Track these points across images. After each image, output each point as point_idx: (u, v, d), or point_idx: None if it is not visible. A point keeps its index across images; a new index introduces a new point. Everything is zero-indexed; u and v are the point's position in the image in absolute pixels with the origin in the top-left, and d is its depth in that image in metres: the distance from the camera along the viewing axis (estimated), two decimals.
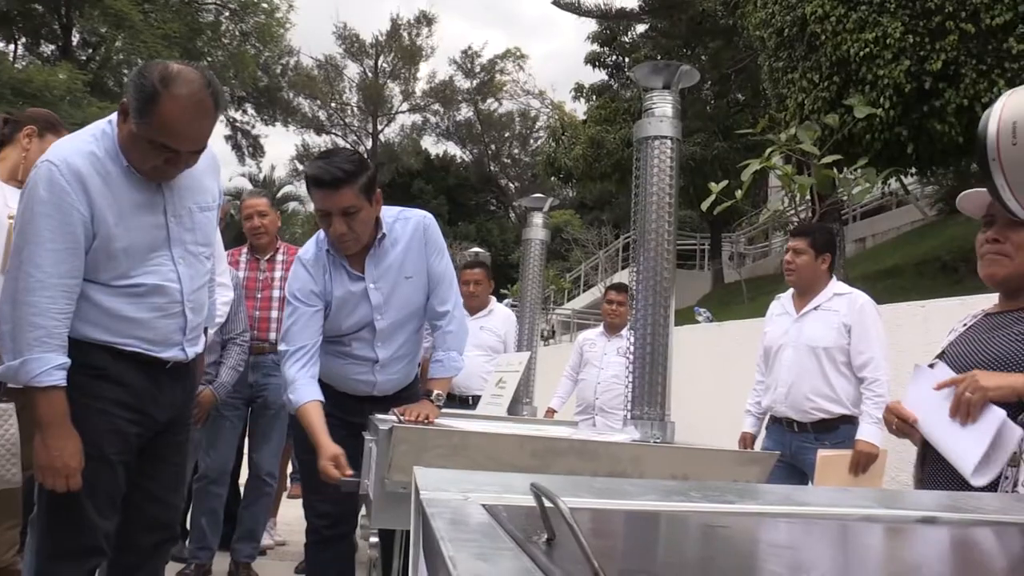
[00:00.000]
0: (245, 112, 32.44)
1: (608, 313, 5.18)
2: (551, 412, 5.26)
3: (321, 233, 2.55)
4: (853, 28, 8.48)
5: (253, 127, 33.21)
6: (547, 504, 0.58)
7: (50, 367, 1.82)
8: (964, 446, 1.55)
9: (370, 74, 37.75)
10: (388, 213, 2.56)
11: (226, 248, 3.58)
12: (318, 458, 2.27)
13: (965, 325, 1.91)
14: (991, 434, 1.51)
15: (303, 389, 2.41)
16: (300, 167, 38.31)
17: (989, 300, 3.86)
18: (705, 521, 0.75)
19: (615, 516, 0.73)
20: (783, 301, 3.69)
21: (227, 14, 26.06)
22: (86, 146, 1.92)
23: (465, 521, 0.65)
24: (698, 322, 8.03)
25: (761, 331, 3.84)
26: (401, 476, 1.79)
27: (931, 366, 1.75)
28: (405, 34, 37.38)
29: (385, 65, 37.88)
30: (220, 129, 32.74)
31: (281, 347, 2.53)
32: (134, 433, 1.98)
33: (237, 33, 26.51)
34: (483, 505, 0.75)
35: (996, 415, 1.55)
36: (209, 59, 25.51)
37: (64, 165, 1.86)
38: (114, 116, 1.99)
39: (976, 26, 7.75)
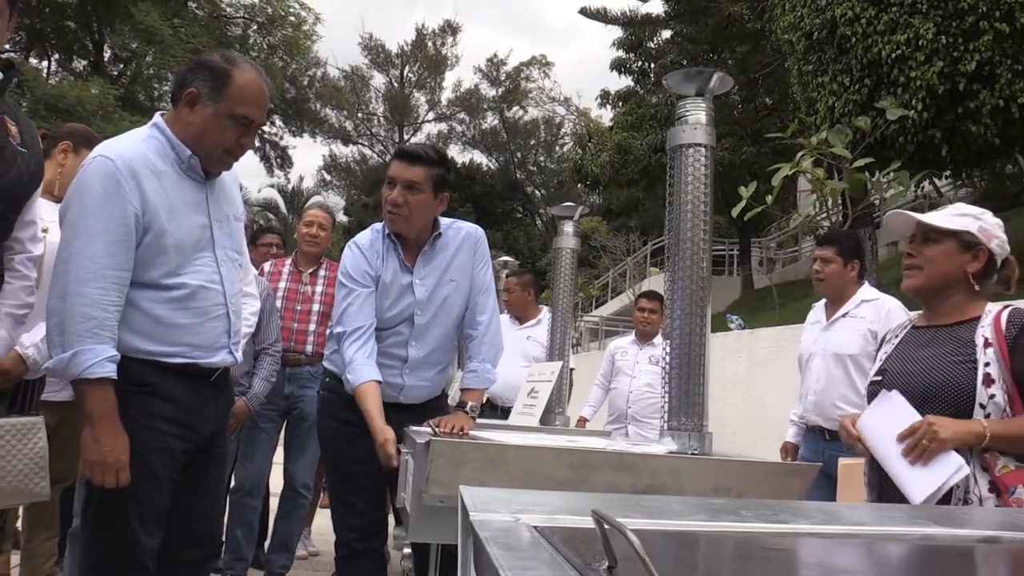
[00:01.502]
0: (273, 124, 32.79)
1: (640, 321, 5.14)
2: (583, 421, 5.24)
3: (378, 224, 2.64)
4: (884, 30, 8.38)
5: (281, 139, 33.56)
6: (608, 528, 0.57)
7: (102, 358, 1.80)
8: (916, 481, 1.72)
9: (396, 84, 38.06)
10: (443, 220, 2.66)
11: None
12: (375, 441, 2.28)
13: (897, 336, 2.10)
14: (945, 478, 1.68)
15: (361, 369, 2.43)
16: (328, 178, 38.68)
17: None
18: (762, 543, 0.74)
19: (672, 538, 0.72)
20: (817, 310, 3.68)
21: (255, 27, 26.37)
22: (136, 144, 1.97)
23: (520, 547, 0.64)
24: (730, 329, 7.96)
25: (797, 339, 3.81)
26: (438, 489, 1.79)
27: (889, 390, 1.91)
28: (430, 43, 37.65)
29: (411, 75, 38.15)
30: None
31: (337, 329, 2.55)
32: (180, 449, 1.98)
33: (265, 46, 26.80)
34: (535, 527, 0.74)
35: (954, 462, 1.71)
36: None
37: (119, 159, 1.89)
38: (157, 119, 2.03)
39: (1011, 25, 7.63)
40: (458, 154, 38.59)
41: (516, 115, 38.30)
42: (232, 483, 3.80)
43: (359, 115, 37.88)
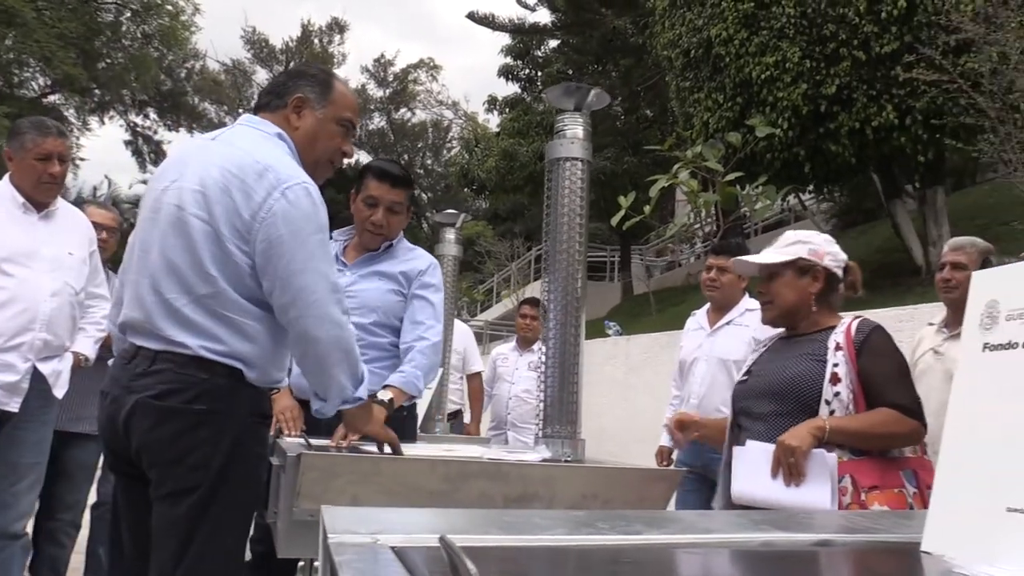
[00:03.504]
0: (147, 116, 31.22)
1: (522, 328, 5.21)
2: (469, 429, 5.24)
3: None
4: (755, 51, 8.83)
5: (155, 132, 31.97)
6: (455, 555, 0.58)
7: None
8: (812, 498, 1.83)
9: None
10: (405, 243, 2.81)
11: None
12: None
13: (765, 345, 2.29)
14: (828, 477, 1.81)
15: None
16: None
17: (876, 317, 4.07)
18: (612, 556, 0.77)
19: (523, 555, 0.74)
20: (698, 316, 3.79)
21: (128, 15, 25.01)
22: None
23: (373, 571, 0.64)
24: (608, 335, 8.17)
25: (673, 345, 3.95)
26: (309, 504, 1.75)
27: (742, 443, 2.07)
28: (316, 41, 36.81)
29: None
30: (119, 134, 31.45)
31: None
32: None
33: (139, 35, 25.47)
34: (393, 548, 0.74)
35: (825, 461, 1.85)
36: (108, 60, 24.44)
37: (312, 185, 1.86)
38: (275, 130, 1.94)
39: (867, 54, 8.20)
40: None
41: (404, 117, 38.05)
42: (95, 498, 3.59)
43: (240, 110, 36.56)
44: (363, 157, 38.04)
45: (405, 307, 2.70)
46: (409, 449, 2.18)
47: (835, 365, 1.97)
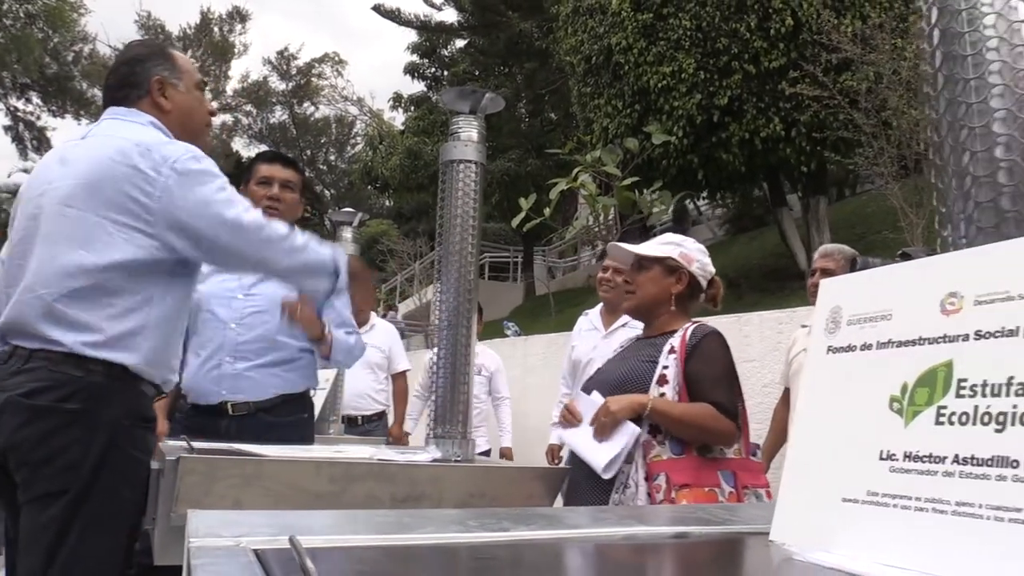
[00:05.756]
0: (29, 101, 29.45)
1: None
2: (406, 436, 5.10)
3: None
4: (653, 61, 9.10)
5: (39, 118, 30.19)
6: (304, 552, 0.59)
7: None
8: (600, 454, 2.02)
9: None
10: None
11: None
12: None
13: (623, 346, 2.42)
14: (622, 444, 1.99)
15: None
16: None
17: (759, 318, 4.26)
18: (470, 553, 0.79)
19: (376, 554, 0.75)
20: (591, 317, 3.84)
21: None
22: None
23: (227, 573, 0.64)
24: (506, 335, 8.24)
25: (567, 345, 4.00)
26: (189, 509, 1.70)
27: (589, 393, 2.22)
28: (216, 29, 35.60)
29: (193, 60, 35.79)
30: None
31: None
32: None
33: (21, 14, 24.03)
34: (255, 551, 0.74)
35: (629, 430, 2.02)
36: None
37: (195, 148, 1.89)
38: (147, 119, 1.91)
39: (757, 68, 8.57)
40: (243, 148, 36.77)
41: (307, 111, 37.25)
42: None
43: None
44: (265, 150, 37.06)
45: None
46: (302, 451, 2.15)
47: (665, 367, 2.08)
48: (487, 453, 4.86)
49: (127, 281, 1.74)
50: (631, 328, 3.66)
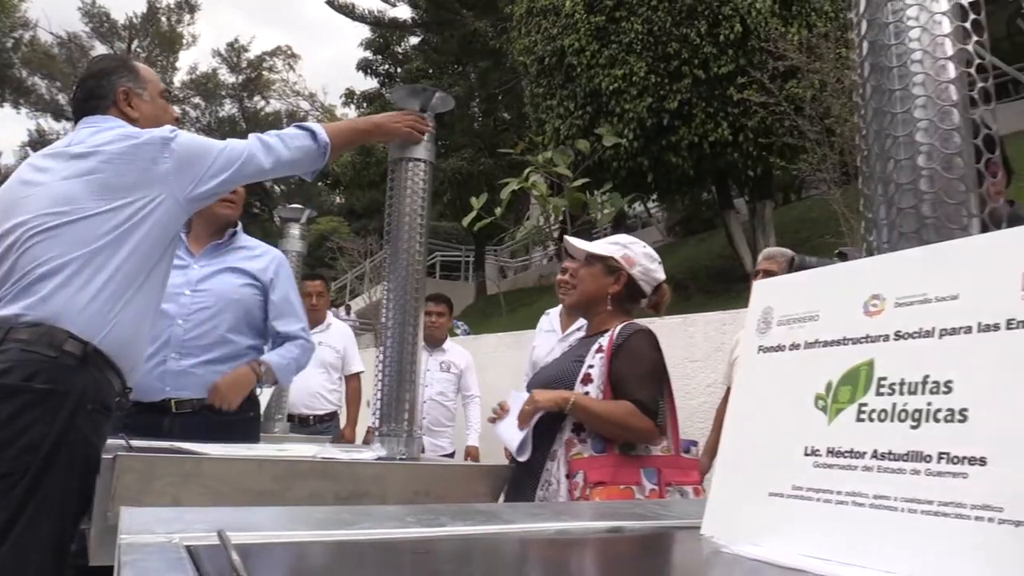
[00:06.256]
0: None
1: (427, 325, 5.10)
2: (371, 433, 5.01)
3: None
4: (605, 64, 9.18)
5: None
6: (233, 547, 0.59)
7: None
8: (514, 439, 2.09)
9: None
10: (246, 236, 2.78)
11: None
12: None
13: (570, 345, 2.46)
14: (527, 431, 2.08)
15: None
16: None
17: (704, 319, 4.34)
18: (409, 548, 0.79)
19: (306, 550, 0.75)
20: (552, 317, 3.84)
21: None
22: None
23: (155, 569, 0.64)
24: (456, 335, 8.23)
25: (520, 345, 4.02)
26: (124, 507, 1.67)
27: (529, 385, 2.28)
28: (164, 19, 34.80)
29: (139, 50, 34.99)
30: None
31: None
32: None
33: None
34: (188, 547, 0.73)
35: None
36: None
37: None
38: (120, 123, 1.98)
39: (707, 73, 8.71)
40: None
41: (257, 105, 36.66)
42: None
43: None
44: None
45: (263, 305, 2.66)
46: (244, 450, 2.13)
47: (590, 366, 2.11)
48: (453, 455, 4.81)
49: (109, 260, 1.83)
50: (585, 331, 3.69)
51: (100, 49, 34.20)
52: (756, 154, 8.67)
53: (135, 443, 2.06)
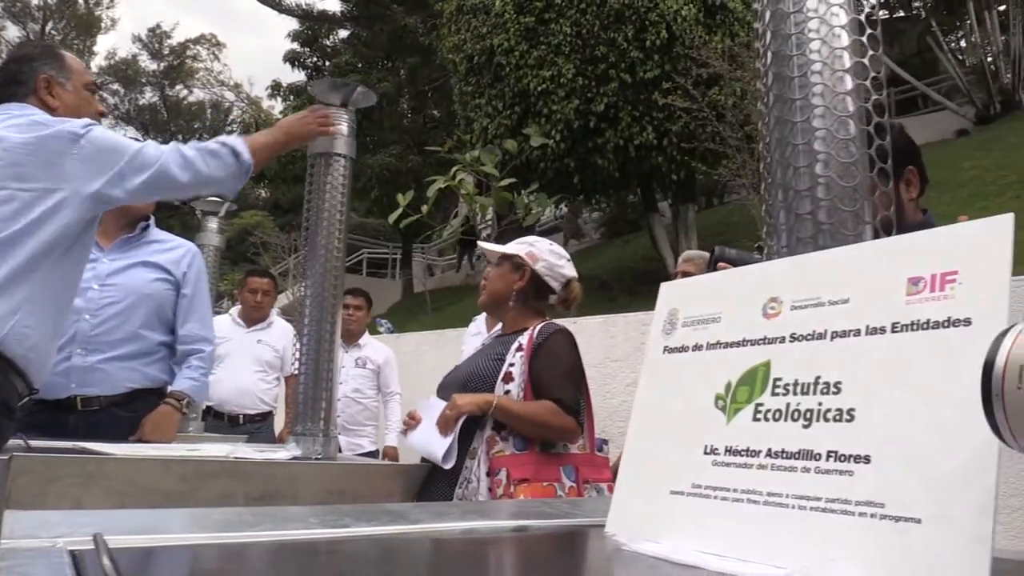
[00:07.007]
0: None
1: (344, 319, 4.99)
2: (282, 434, 4.88)
3: None
4: (534, 64, 9.23)
5: None
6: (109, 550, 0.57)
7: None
8: (440, 447, 2.05)
9: (34, 40, 33.11)
10: (163, 233, 2.72)
11: None
12: None
13: (484, 344, 2.48)
14: (453, 436, 2.05)
15: None
16: None
17: (625, 320, 4.40)
18: (306, 550, 0.78)
19: (193, 552, 0.73)
20: (479, 322, 3.89)
21: None
22: None
23: (36, 574, 0.61)
24: (379, 333, 8.15)
25: (442, 344, 4.01)
26: (17, 511, 1.59)
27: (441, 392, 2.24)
28: (81, 1, 33.40)
29: (54, 32, 33.51)
30: None
31: None
32: None
33: None
34: (72, 552, 0.71)
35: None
36: None
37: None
38: (36, 110, 1.93)
39: (633, 77, 8.85)
40: (108, 128, 34.67)
41: (179, 94, 35.54)
42: None
43: None
44: (131, 134, 35.08)
45: (175, 300, 2.60)
46: (152, 449, 2.06)
47: (511, 365, 2.13)
48: (374, 454, 4.75)
49: (28, 255, 1.78)
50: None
51: (13, 31, 32.65)
52: (680, 158, 8.87)
53: (35, 443, 1.97)
